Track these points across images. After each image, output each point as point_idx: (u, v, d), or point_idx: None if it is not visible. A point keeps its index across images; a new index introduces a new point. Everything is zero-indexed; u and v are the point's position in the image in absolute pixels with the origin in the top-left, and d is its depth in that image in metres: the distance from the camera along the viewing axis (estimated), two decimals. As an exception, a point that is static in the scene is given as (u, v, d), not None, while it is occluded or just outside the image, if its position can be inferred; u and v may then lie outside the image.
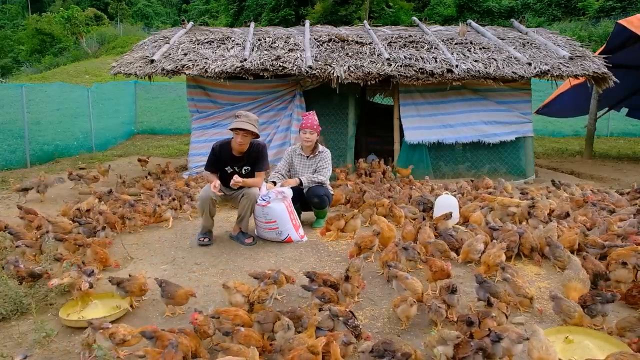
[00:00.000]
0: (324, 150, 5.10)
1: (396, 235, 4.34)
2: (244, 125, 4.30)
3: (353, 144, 8.15)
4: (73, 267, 3.46)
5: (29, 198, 6.59)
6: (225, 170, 4.58)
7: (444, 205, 4.94)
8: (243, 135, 4.35)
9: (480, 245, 3.88)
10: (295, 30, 9.31)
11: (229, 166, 4.58)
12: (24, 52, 35.83)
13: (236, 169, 4.58)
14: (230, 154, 4.53)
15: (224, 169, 4.59)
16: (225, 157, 4.54)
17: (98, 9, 43.38)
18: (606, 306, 2.87)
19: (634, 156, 11.23)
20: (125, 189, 6.74)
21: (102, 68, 22.58)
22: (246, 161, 4.58)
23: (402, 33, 9.01)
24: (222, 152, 4.54)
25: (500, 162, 7.98)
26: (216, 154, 4.56)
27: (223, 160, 4.56)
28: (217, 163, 4.58)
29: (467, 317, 2.69)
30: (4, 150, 9.59)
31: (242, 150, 4.49)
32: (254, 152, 4.56)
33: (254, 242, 4.60)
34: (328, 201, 5.10)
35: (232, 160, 4.55)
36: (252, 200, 4.51)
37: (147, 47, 8.15)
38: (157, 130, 15.89)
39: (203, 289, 3.61)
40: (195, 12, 46.98)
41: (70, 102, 12.62)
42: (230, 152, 4.53)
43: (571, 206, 5.29)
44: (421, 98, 7.88)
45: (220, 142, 4.63)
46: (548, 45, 8.30)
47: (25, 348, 2.77)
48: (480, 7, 28.62)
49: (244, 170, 4.60)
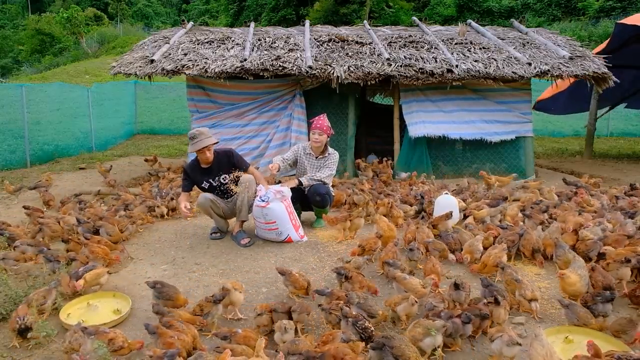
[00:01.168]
0: (333, 152, 5.14)
1: (396, 235, 4.34)
2: (204, 143, 4.45)
3: (353, 144, 8.16)
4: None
5: (29, 198, 6.59)
6: (203, 187, 4.75)
7: (444, 205, 4.94)
8: (208, 149, 4.51)
9: (479, 245, 3.88)
10: (295, 30, 9.31)
11: (204, 181, 4.71)
12: (24, 52, 35.86)
13: (212, 182, 4.71)
14: (199, 168, 4.69)
15: (202, 186, 4.75)
16: (196, 174, 4.71)
17: (98, 9, 43.42)
18: (607, 305, 2.87)
19: (634, 156, 11.22)
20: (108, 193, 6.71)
21: (102, 68, 22.59)
22: (217, 171, 4.69)
23: (402, 33, 9.01)
24: (192, 171, 4.72)
25: (500, 162, 7.99)
26: (188, 175, 4.75)
27: (196, 178, 4.72)
28: (192, 183, 4.78)
29: (480, 311, 2.74)
30: (4, 150, 9.59)
31: (209, 161, 4.62)
32: (223, 160, 4.69)
33: (251, 243, 4.60)
34: (329, 200, 5.11)
35: (203, 174, 4.69)
36: (248, 181, 4.63)
37: (147, 47, 8.15)
38: (157, 130, 15.90)
39: (203, 289, 3.61)
40: (195, 12, 47.02)
41: (70, 102, 12.61)
42: (198, 167, 4.69)
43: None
44: (423, 95, 7.89)
45: (187, 164, 4.87)
46: (548, 45, 8.30)
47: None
48: (480, 7, 28.60)
49: (221, 179, 4.71)
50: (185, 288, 3.62)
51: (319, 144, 4.99)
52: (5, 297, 3.18)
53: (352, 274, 3.33)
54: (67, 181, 8.06)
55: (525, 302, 3.04)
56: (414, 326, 2.62)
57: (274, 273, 3.89)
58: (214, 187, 4.73)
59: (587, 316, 2.82)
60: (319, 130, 4.94)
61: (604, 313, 2.86)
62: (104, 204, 6.20)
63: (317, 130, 4.94)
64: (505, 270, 3.35)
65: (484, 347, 2.71)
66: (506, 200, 5.44)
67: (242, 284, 3.30)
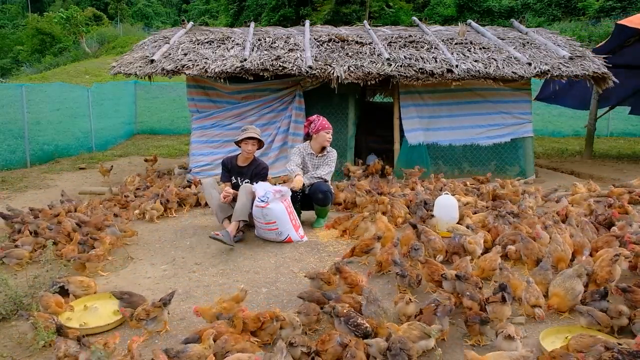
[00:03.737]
0: (331, 150, 5.25)
1: (395, 235, 4.33)
2: (252, 134, 4.88)
3: (353, 143, 8.16)
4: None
5: (30, 198, 6.60)
6: (231, 181, 5.15)
7: (443, 206, 4.93)
8: (252, 143, 4.91)
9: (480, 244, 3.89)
10: (295, 30, 9.30)
11: (233, 177, 5.12)
12: (24, 52, 35.85)
13: (239, 182, 5.06)
14: (236, 165, 5.10)
15: (230, 179, 5.14)
16: (232, 168, 5.12)
17: (98, 9, 43.42)
18: (603, 302, 2.91)
19: (634, 156, 11.23)
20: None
21: (102, 68, 22.59)
22: (248, 175, 5.06)
23: (402, 33, 9.01)
24: (230, 164, 5.12)
25: (500, 161, 7.99)
26: (227, 166, 5.13)
27: (231, 171, 5.13)
28: (228, 173, 5.14)
29: (479, 317, 2.74)
30: (4, 150, 9.59)
31: (247, 159, 5.05)
32: (257, 168, 5.08)
33: (220, 237, 4.33)
34: (331, 198, 5.14)
35: (237, 171, 5.11)
36: (246, 189, 4.72)
37: (147, 47, 8.14)
38: (157, 130, 15.90)
39: (203, 289, 3.62)
40: (195, 12, 47.02)
41: (70, 102, 12.63)
42: (235, 163, 5.11)
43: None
44: (421, 100, 7.91)
45: (227, 157, 5.29)
46: (548, 45, 8.30)
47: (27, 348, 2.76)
48: (480, 7, 28.60)
49: (244, 182, 5.01)
50: (185, 288, 3.62)
51: (330, 142, 5.20)
52: (5, 297, 3.18)
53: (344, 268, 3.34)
54: (67, 181, 8.07)
55: (528, 307, 3.02)
56: (409, 327, 2.61)
57: (274, 273, 3.90)
58: (238, 186, 4.96)
59: (606, 319, 2.80)
60: (329, 130, 5.15)
61: (603, 308, 2.86)
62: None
63: (328, 130, 5.13)
64: (502, 272, 3.36)
65: (485, 349, 2.72)
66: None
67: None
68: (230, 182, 5.09)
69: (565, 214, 4.97)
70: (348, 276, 3.30)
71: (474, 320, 2.74)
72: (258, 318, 2.75)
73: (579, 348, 2.44)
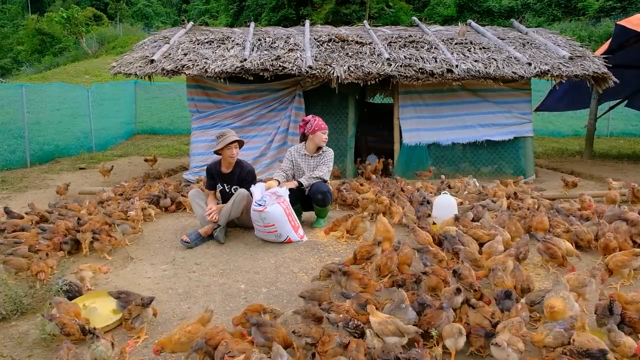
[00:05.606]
0: (327, 149, 5.18)
1: (394, 236, 4.31)
2: (233, 137, 4.70)
3: (353, 144, 8.16)
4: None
5: (30, 198, 6.59)
6: (216, 189, 5.01)
7: (443, 206, 4.93)
8: (235, 146, 4.76)
9: (500, 247, 3.82)
10: (295, 30, 9.31)
11: (219, 184, 4.98)
12: (24, 52, 35.82)
13: (226, 188, 4.93)
14: (219, 171, 4.93)
15: (216, 187, 5.01)
16: (216, 175, 4.95)
17: (98, 9, 43.38)
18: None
19: (634, 156, 11.23)
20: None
21: (102, 68, 22.58)
22: (234, 181, 4.91)
23: (402, 33, 9.01)
24: (214, 170, 4.95)
25: (500, 161, 7.99)
26: (211, 172, 4.98)
27: (215, 178, 4.97)
28: (213, 181, 4.99)
29: (483, 330, 2.66)
30: (4, 150, 9.59)
31: (231, 164, 4.86)
32: (242, 173, 4.91)
33: (189, 241, 4.51)
34: (330, 198, 5.12)
35: (222, 178, 4.94)
36: (241, 194, 4.66)
37: (147, 47, 8.15)
38: (157, 130, 15.91)
39: (203, 289, 3.62)
40: (195, 12, 47.02)
41: (70, 102, 12.63)
42: (219, 170, 4.93)
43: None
44: (420, 99, 7.91)
45: (210, 164, 5.07)
46: (548, 45, 8.30)
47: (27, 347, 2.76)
48: (480, 7, 28.61)
49: (233, 190, 4.88)
50: (185, 288, 3.62)
51: (325, 142, 5.16)
52: (5, 297, 3.18)
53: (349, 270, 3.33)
54: (67, 181, 8.06)
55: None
56: (385, 322, 2.58)
57: (274, 273, 3.90)
58: (227, 193, 4.89)
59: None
60: (326, 130, 5.11)
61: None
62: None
63: (324, 130, 5.09)
64: (495, 273, 3.29)
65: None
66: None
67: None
68: (216, 190, 4.99)
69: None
70: (359, 277, 3.28)
71: (478, 333, 2.68)
72: (241, 333, 2.73)
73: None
